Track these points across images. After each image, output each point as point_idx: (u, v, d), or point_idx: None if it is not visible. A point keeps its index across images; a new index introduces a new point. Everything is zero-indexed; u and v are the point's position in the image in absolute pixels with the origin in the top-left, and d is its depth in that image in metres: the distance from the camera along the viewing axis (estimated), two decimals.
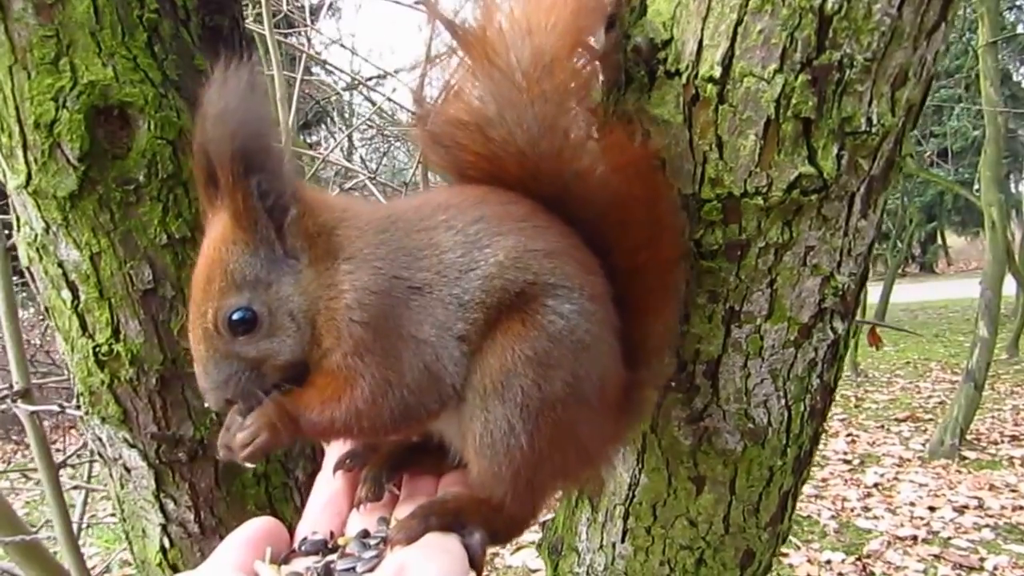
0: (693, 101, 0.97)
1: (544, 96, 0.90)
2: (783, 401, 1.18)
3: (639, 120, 1.02)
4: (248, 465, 0.87)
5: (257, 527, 0.82)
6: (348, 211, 0.88)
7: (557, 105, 0.91)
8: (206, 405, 0.84)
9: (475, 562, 0.81)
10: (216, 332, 0.82)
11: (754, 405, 1.17)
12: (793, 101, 0.92)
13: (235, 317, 0.81)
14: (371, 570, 0.75)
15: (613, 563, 1.39)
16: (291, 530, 0.88)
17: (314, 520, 0.91)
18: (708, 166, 0.99)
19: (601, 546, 1.40)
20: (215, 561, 0.78)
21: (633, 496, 1.31)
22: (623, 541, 1.36)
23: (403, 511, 0.88)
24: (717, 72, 0.94)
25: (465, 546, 0.80)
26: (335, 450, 1.00)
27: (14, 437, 8.37)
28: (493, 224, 0.87)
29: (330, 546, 0.84)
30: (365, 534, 0.85)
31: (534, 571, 4.78)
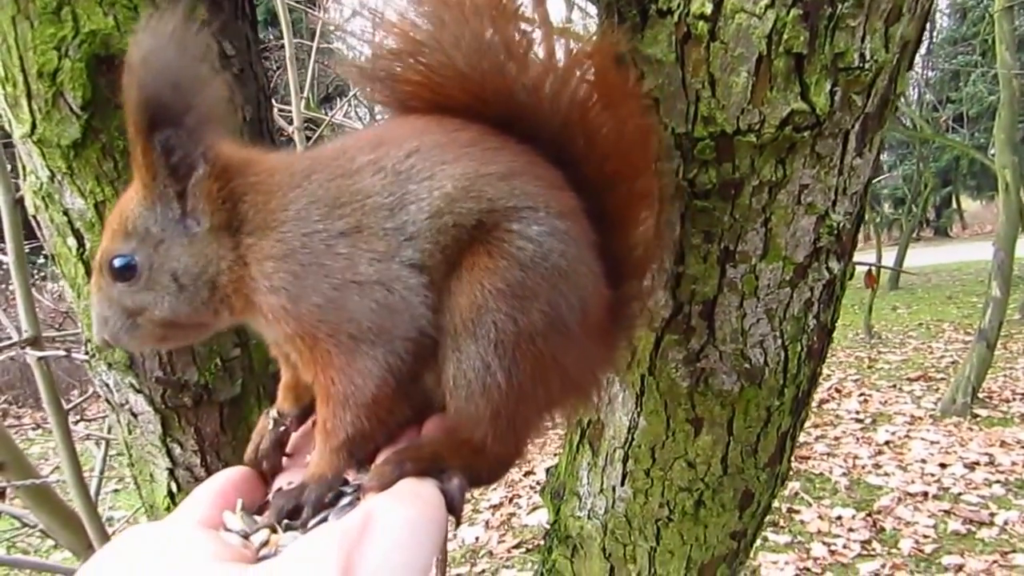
0: (685, 39, 0.97)
1: (478, 10, 0.84)
2: (779, 341, 1.19)
3: (632, 60, 1.02)
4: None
5: (228, 477, 0.79)
6: (264, 172, 0.82)
7: (494, 18, 0.85)
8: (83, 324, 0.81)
9: (453, 507, 0.77)
10: (100, 273, 0.81)
11: (750, 345, 1.18)
12: (785, 37, 0.92)
13: (116, 264, 0.79)
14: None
15: (613, 506, 1.41)
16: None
17: (293, 469, 0.87)
18: (701, 104, 0.99)
19: (602, 489, 1.42)
20: (181, 513, 0.73)
21: (632, 439, 1.33)
22: (623, 484, 1.38)
23: (383, 458, 0.82)
24: (708, 9, 0.94)
25: (443, 491, 0.75)
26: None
27: (43, 405, 8.50)
28: (436, 153, 0.81)
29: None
30: (344, 483, 0.80)
31: (545, 532, 4.84)
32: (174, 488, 1.41)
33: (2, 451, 2.00)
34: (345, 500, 0.76)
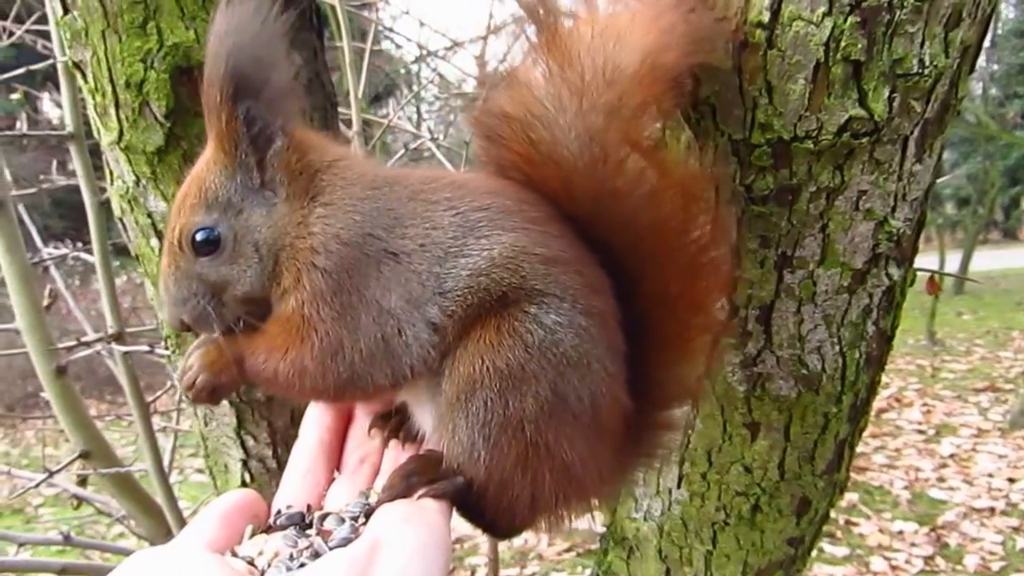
0: (742, 47, 0.98)
1: (597, 108, 0.85)
2: (837, 347, 1.19)
3: (693, 73, 1.04)
4: (209, 406, 0.88)
5: (233, 501, 0.79)
6: (342, 161, 0.86)
7: (609, 120, 0.86)
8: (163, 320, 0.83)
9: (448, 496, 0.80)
10: (180, 249, 0.82)
11: (808, 351, 1.18)
12: (842, 44, 0.93)
13: (199, 236, 0.81)
14: (343, 546, 0.72)
15: (669, 509, 1.43)
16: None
17: (292, 492, 0.86)
18: (758, 111, 1.00)
19: (657, 492, 1.43)
20: (187, 537, 0.74)
21: (688, 442, 1.34)
22: (679, 487, 1.39)
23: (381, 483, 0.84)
24: (766, 17, 0.95)
25: (446, 493, 0.79)
26: (313, 417, 0.96)
27: (107, 397, 8.86)
28: (501, 218, 0.83)
29: (307, 520, 0.80)
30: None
31: (600, 534, 4.83)
32: (247, 478, 1.47)
33: (88, 441, 2.12)
34: (345, 527, 0.76)
